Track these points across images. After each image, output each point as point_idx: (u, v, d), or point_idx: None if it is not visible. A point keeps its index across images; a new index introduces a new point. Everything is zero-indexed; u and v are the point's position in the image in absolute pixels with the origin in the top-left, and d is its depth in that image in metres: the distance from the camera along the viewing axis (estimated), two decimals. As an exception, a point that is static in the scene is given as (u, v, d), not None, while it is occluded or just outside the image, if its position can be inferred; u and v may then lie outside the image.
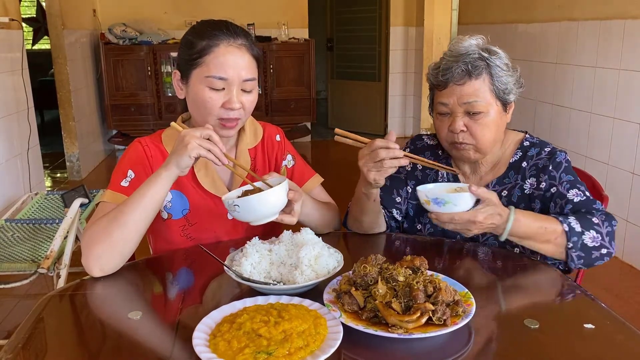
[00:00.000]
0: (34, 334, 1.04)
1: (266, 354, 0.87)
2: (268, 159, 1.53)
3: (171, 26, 5.95)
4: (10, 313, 2.64)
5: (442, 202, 1.23)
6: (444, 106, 1.38)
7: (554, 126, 3.85)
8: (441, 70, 1.37)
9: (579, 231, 1.28)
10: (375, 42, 6.83)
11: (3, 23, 3.35)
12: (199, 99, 1.32)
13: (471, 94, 1.35)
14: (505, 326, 1.07)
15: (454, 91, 1.36)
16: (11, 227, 2.37)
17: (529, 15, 4.16)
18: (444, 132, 1.41)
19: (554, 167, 1.40)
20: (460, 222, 1.24)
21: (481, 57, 1.36)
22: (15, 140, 3.43)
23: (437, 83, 1.39)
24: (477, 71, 1.35)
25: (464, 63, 1.35)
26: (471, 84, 1.35)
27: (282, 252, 1.19)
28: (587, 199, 1.36)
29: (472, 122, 1.36)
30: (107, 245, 1.21)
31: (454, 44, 1.39)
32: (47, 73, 7.08)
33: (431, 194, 1.25)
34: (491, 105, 1.36)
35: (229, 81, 1.31)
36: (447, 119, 1.39)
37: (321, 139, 6.88)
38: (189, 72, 1.33)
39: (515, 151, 1.46)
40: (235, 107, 1.31)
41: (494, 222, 1.25)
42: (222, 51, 1.31)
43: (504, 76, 1.37)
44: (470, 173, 1.49)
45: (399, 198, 1.53)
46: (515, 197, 1.43)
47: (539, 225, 1.27)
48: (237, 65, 1.31)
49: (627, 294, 2.86)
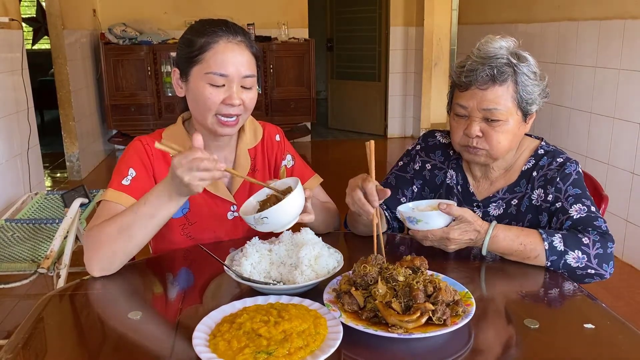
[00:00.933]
0: (34, 334, 1.04)
1: (266, 354, 0.87)
2: (268, 159, 1.52)
3: (171, 26, 5.95)
4: (10, 313, 2.64)
5: (415, 220, 1.29)
6: (463, 109, 1.35)
7: (554, 126, 3.85)
8: (465, 70, 1.32)
9: (560, 250, 1.25)
10: (375, 42, 6.83)
11: (3, 23, 3.35)
12: (200, 96, 1.31)
13: (492, 100, 1.30)
14: (505, 326, 1.07)
15: (475, 95, 1.31)
16: (11, 227, 2.37)
17: (528, 15, 4.16)
18: (458, 135, 1.37)
19: (561, 179, 1.36)
20: (435, 239, 1.27)
21: (509, 63, 1.31)
22: (15, 140, 3.43)
23: (459, 83, 1.35)
24: (503, 77, 1.30)
25: (490, 67, 1.30)
26: (494, 90, 1.30)
27: (282, 252, 1.19)
28: (589, 215, 1.32)
29: (489, 129, 1.33)
30: (109, 253, 1.21)
31: (484, 44, 1.34)
32: (47, 73, 7.08)
33: (406, 214, 1.30)
34: (511, 114, 1.32)
35: (229, 77, 1.31)
36: (464, 121, 1.36)
37: (321, 139, 6.88)
38: (189, 69, 1.33)
39: (528, 158, 1.43)
40: (235, 103, 1.31)
41: (470, 238, 1.26)
42: (222, 48, 1.31)
43: (529, 85, 1.32)
44: (481, 177, 1.47)
45: (404, 198, 1.51)
46: (524, 207, 1.41)
47: (519, 242, 1.26)
48: (237, 61, 1.31)
49: (627, 294, 2.86)
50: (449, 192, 1.48)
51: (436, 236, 1.26)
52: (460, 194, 1.47)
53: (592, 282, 1.30)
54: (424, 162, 1.53)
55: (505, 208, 1.43)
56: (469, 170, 1.48)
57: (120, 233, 1.20)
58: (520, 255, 1.28)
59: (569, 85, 3.68)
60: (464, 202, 1.46)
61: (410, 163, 1.55)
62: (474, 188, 1.47)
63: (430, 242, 1.29)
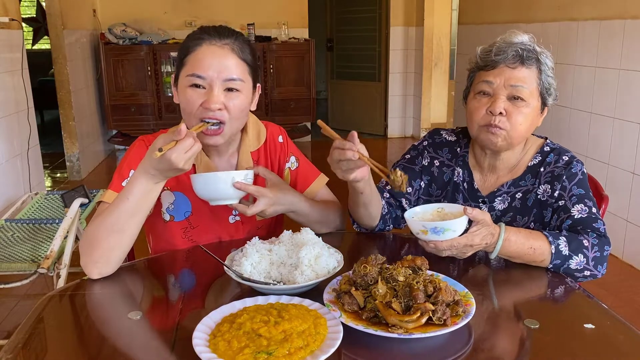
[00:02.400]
0: (34, 334, 1.04)
1: (266, 354, 0.87)
2: (271, 162, 1.51)
3: (171, 26, 5.95)
4: (10, 313, 2.64)
5: (441, 230, 1.18)
6: (488, 85, 1.36)
7: (554, 126, 3.84)
8: (494, 51, 1.36)
9: (565, 254, 1.26)
10: (375, 42, 6.83)
11: (3, 23, 3.35)
12: (183, 99, 1.31)
13: (520, 78, 1.34)
14: (505, 326, 1.07)
15: (504, 72, 1.35)
16: (11, 227, 2.37)
17: (529, 15, 4.16)
18: (480, 113, 1.37)
19: (567, 177, 1.38)
20: (459, 247, 1.21)
21: (534, 50, 1.36)
22: (15, 140, 3.43)
23: (485, 63, 1.38)
24: (530, 60, 1.35)
25: (519, 49, 1.35)
26: (522, 70, 1.35)
27: (282, 252, 1.19)
28: (589, 216, 1.33)
29: (512, 108, 1.35)
30: (103, 251, 1.20)
31: (507, 36, 1.39)
32: (47, 73, 7.08)
33: (429, 224, 1.18)
34: (534, 97, 1.36)
35: (207, 80, 1.28)
36: (487, 100, 1.37)
37: (321, 139, 6.88)
38: (178, 74, 1.34)
39: (534, 155, 1.45)
40: (213, 107, 1.27)
41: (487, 242, 1.24)
42: (203, 50, 1.30)
43: (550, 76, 1.38)
44: (487, 171, 1.48)
45: (410, 189, 1.51)
46: (530, 202, 1.42)
47: (529, 245, 1.26)
48: (217, 63, 1.28)
49: (627, 294, 2.86)
50: (456, 190, 1.49)
51: (461, 244, 1.20)
52: (466, 190, 1.48)
53: (584, 281, 1.32)
54: (432, 158, 1.53)
55: (509, 202, 1.44)
56: (475, 166, 1.49)
57: (111, 230, 1.19)
58: (528, 258, 1.27)
59: (569, 85, 3.68)
60: (470, 198, 1.47)
61: (418, 157, 1.55)
62: (479, 184, 1.47)
63: (450, 252, 1.22)
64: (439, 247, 1.20)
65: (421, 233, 1.20)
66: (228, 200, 1.29)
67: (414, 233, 1.22)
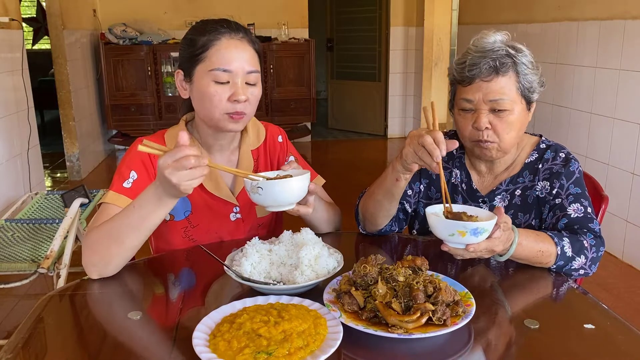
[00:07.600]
0: (34, 334, 1.04)
1: (266, 354, 0.87)
2: (270, 160, 1.52)
3: (171, 26, 5.96)
4: (10, 313, 2.64)
5: (481, 231, 1.10)
6: (468, 102, 1.35)
7: (554, 126, 3.85)
8: (467, 65, 1.34)
9: (569, 256, 1.27)
10: (375, 42, 6.83)
11: (3, 23, 3.35)
12: (205, 94, 1.31)
13: (497, 91, 1.32)
14: (505, 326, 1.07)
15: (480, 87, 1.33)
16: (11, 227, 2.37)
17: (529, 15, 4.16)
18: (467, 130, 1.37)
19: (565, 175, 1.38)
20: (488, 249, 1.16)
21: (508, 54, 1.33)
22: (15, 140, 3.43)
23: (462, 79, 1.36)
24: (505, 68, 1.32)
25: (492, 59, 1.32)
26: (498, 81, 1.32)
27: (282, 252, 1.19)
28: (585, 216, 1.34)
29: (496, 120, 1.34)
30: (104, 256, 1.20)
31: (479, 39, 1.36)
32: (47, 73, 7.08)
33: (470, 225, 1.09)
34: (516, 103, 1.34)
35: (233, 73, 1.30)
36: (471, 116, 1.36)
37: (321, 139, 6.88)
38: (193, 69, 1.33)
39: (531, 152, 1.44)
40: (241, 99, 1.29)
41: (504, 247, 1.21)
42: (225, 44, 1.31)
43: (529, 74, 1.35)
44: (486, 172, 1.48)
45: (410, 191, 1.51)
46: (531, 199, 1.42)
47: (538, 248, 1.25)
48: (240, 57, 1.31)
49: (627, 294, 2.86)
50: (454, 191, 1.49)
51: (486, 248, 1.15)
52: (465, 191, 1.48)
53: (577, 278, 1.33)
54: None
55: (509, 199, 1.44)
56: (472, 167, 1.49)
57: (112, 239, 1.18)
58: (535, 260, 1.27)
59: (569, 86, 3.68)
60: (469, 199, 1.47)
61: None
62: (477, 184, 1.47)
63: (481, 254, 1.17)
64: (478, 249, 1.13)
65: (457, 234, 1.11)
66: (294, 204, 1.24)
67: (447, 234, 1.13)
